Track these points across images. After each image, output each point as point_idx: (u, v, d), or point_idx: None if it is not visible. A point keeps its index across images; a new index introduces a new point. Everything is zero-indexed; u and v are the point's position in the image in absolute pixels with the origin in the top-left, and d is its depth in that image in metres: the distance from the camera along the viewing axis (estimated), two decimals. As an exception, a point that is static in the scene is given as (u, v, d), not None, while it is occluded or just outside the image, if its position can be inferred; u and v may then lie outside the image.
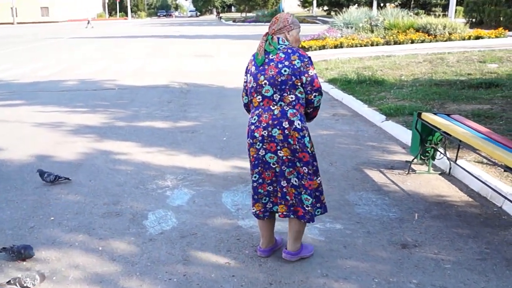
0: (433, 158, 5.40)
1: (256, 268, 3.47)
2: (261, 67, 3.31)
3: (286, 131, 3.25)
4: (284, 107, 3.27)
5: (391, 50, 16.17)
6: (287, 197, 3.39)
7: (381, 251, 3.68)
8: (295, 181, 3.36)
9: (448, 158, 5.26)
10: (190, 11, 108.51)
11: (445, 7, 37.60)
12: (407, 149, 6.13)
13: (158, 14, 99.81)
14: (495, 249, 3.71)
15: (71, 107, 9.19)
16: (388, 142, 6.56)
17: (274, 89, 3.25)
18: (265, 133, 3.30)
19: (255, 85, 3.33)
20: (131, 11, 79.85)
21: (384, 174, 5.32)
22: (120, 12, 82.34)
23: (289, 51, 3.26)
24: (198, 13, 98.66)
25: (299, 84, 3.25)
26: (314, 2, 58.26)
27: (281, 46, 3.29)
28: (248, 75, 3.43)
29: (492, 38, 18.93)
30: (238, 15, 70.15)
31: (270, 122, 3.27)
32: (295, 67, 3.22)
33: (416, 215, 4.29)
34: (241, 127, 7.33)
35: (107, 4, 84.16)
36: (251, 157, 3.46)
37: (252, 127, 3.37)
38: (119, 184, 5.12)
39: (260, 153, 3.37)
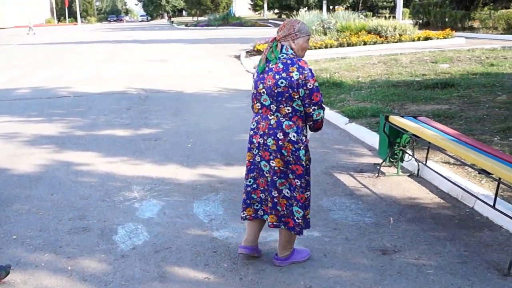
0: (402, 160, 5.42)
1: (237, 282, 3.33)
2: (261, 75, 3.24)
3: (280, 142, 3.21)
4: (280, 118, 3.21)
5: (345, 52, 16.36)
6: (278, 207, 3.34)
7: (362, 258, 3.62)
8: (287, 192, 3.31)
9: (416, 160, 5.28)
10: (141, 15, 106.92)
11: (393, 9, 38.56)
12: (373, 152, 6.14)
13: (109, 19, 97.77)
14: (473, 252, 3.72)
15: (25, 116, 8.76)
16: (354, 144, 6.56)
17: (271, 100, 3.19)
18: (261, 140, 3.28)
19: (255, 92, 3.29)
20: (81, 16, 77.83)
21: (354, 177, 5.29)
22: (69, 17, 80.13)
23: (288, 61, 3.16)
24: (149, 18, 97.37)
25: (296, 96, 3.15)
26: (265, 6, 58.57)
27: (282, 56, 3.20)
28: (252, 80, 3.39)
29: (441, 39, 19.46)
30: (189, 19, 69.63)
31: (266, 131, 3.24)
32: (293, 79, 3.12)
33: (392, 219, 4.27)
34: (204, 133, 7.18)
35: (55, 10, 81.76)
36: (247, 161, 3.42)
37: (251, 132, 3.37)
38: (84, 197, 4.87)
39: (256, 159, 3.36)
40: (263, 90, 3.22)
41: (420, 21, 28.44)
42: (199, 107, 9.10)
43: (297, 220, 3.33)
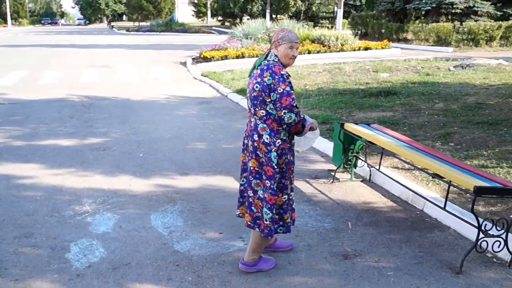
0: (355, 166, 5.54)
1: (203, 293, 3.29)
2: (249, 80, 3.42)
3: (255, 144, 3.37)
4: (257, 120, 3.37)
5: (291, 60, 16.54)
6: (253, 208, 3.45)
7: (325, 263, 3.67)
8: (261, 193, 3.41)
9: (369, 166, 5.42)
10: (78, 19, 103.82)
11: (332, 20, 39.54)
12: (326, 158, 6.25)
13: (43, 21, 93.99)
14: (427, 252, 3.86)
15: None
16: (307, 151, 6.63)
17: (251, 103, 3.39)
18: (245, 141, 3.51)
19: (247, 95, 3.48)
20: (11, 18, 74.50)
21: (310, 184, 5.36)
22: (-3, 19, 76.37)
23: (265, 67, 3.31)
24: (87, 22, 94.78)
25: (268, 100, 3.28)
26: (209, 13, 58.54)
27: (265, 62, 3.34)
28: None
29: (379, 49, 20.19)
30: (130, 24, 68.43)
31: (249, 132, 3.45)
32: (265, 83, 3.26)
33: (350, 224, 4.35)
34: (156, 142, 7.06)
35: (-19, 11, 77.84)
36: (241, 161, 3.60)
37: (244, 134, 3.56)
38: (29, 213, 4.59)
39: (246, 159, 3.53)
40: (248, 94, 3.42)
41: (359, 32, 29.39)
42: (147, 115, 8.95)
43: (265, 222, 3.38)
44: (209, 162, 6.12)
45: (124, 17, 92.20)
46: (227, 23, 51.54)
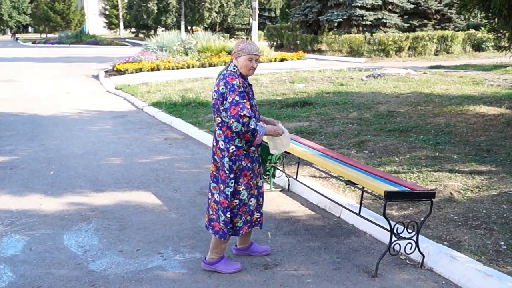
0: (274, 176, 5.60)
1: (120, 314, 3.17)
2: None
3: (214, 149, 3.62)
4: (215, 127, 3.57)
5: (208, 72, 16.60)
6: (210, 210, 3.68)
7: (246, 275, 3.66)
8: (217, 196, 3.56)
9: (287, 175, 5.50)
10: None
11: (248, 31, 40.10)
12: (245, 169, 6.26)
13: None
14: (344, 258, 3.97)
15: None
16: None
17: (212, 111, 3.58)
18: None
19: None
20: None
21: (229, 196, 5.34)
22: None
23: (221, 77, 3.46)
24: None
25: (221, 108, 3.46)
26: (121, 24, 57.33)
27: (225, 71, 3.49)
28: None
29: (295, 60, 20.72)
30: (37, 36, 65.44)
31: (213, 138, 3.64)
32: (220, 92, 3.44)
33: (270, 234, 4.38)
34: (68, 158, 6.77)
35: None
36: None
37: None
38: None
39: None
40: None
41: (275, 43, 30.07)
42: (58, 131, 8.57)
43: (220, 224, 3.54)
44: (125, 178, 5.95)
45: (30, 29, 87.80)
46: (141, 35, 50.70)
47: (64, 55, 28.17)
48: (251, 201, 3.68)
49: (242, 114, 3.33)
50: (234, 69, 3.51)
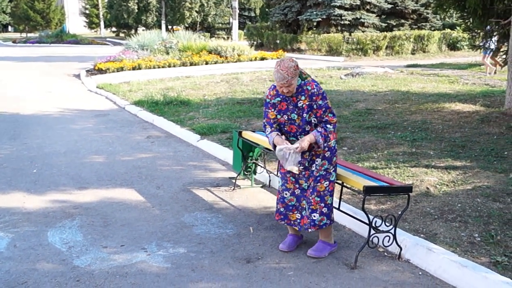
0: (255, 172, 5.70)
1: (106, 307, 3.23)
2: None
3: None
4: None
5: (189, 71, 16.62)
6: None
7: (228, 268, 3.75)
8: None
9: (268, 172, 5.60)
10: None
11: (229, 31, 40.12)
12: (227, 166, 6.36)
13: None
14: (324, 250, 4.06)
15: None
16: (207, 160, 6.72)
17: None
18: None
19: None
20: None
21: (212, 192, 5.43)
22: None
23: None
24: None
25: None
26: (102, 23, 56.80)
27: None
28: None
29: (274, 59, 20.80)
30: (17, 35, 64.39)
31: None
32: None
33: (251, 229, 4.47)
34: (51, 157, 6.78)
35: None
36: None
37: None
38: None
39: None
40: None
41: (255, 42, 30.16)
42: (40, 130, 8.55)
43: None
44: (108, 175, 5.99)
45: (10, 28, 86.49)
46: (121, 34, 50.27)
47: (45, 55, 27.81)
48: (285, 194, 3.97)
49: (263, 125, 3.98)
50: (275, 83, 3.89)
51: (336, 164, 3.97)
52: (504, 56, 9.04)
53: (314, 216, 3.85)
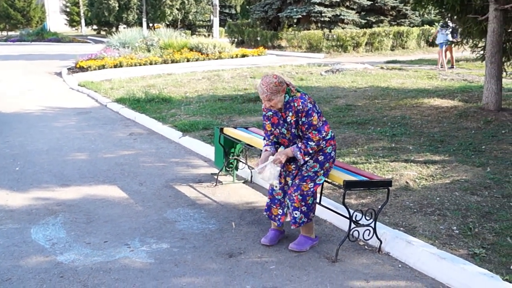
0: (237, 168, 5.75)
1: (90, 302, 3.26)
2: None
3: None
4: None
5: (170, 69, 16.58)
6: None
7: (211, 263, 3.80)
8: None
9: (249, 167, 5.66)
10: None
11: (210, 28, 40.04)
12: (209, 162, 6.40)
13: None
14: (306, 244, 4.13)
15: None
16: (190, 157, 6.75)
17: None
18: None
19: None
20: None
21: (194, 188, 5.47)
22: None
23: None
24: None
25: None
26: (82, 21, 56.22)
27: None
28: None
29: (256, 56, 20.91)
30: (-3, 33, 63.37)
31: None
32: None
33: (234, 224, 4.53)
34: (33, 155, 6.75)
35: None
36: None
37: None
38: None
39: None
40: None
41: (236, 39, 30.18)
42: (22, 127, 8.49)
43: None
44: (91, 172, 5.99)
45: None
46: (102, 32, 49.84)
47: (26, 53, 27.45)
48: (275, 186, 4.07)
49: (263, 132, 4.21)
50: None
51: (327, 171, 4.04)
52: (481, 52, 9.20)
53: (296, 214, 3.92)
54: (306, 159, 3.93)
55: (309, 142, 3.88)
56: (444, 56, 15.99)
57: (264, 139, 4.18)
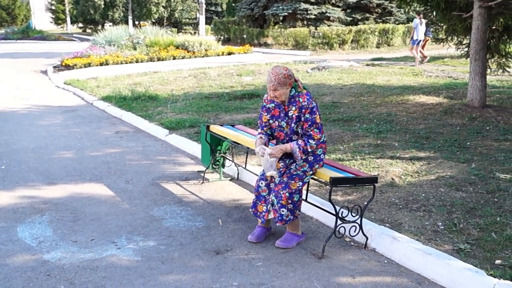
0: (223, 166, 5.76)
1: (77, 301, 3.26)
2: None
3: None
4: None
5: (156, 66, 16.52)
6: None
7: (198, 260, 3.81)
8: None
9: (236, 165, 5.67)
10: None
11: (196, 26, 39.94)
12: (196, 160, 6.40)
13: None
14: (292, 241, 4.16)
15: None
16: (176, 154, 6.75)
17: None
18: None
19: None
20: None
21: (181, 186, 5.48)
22: None
23: None
24: None
25: None
26: (68, 19, 55.71)
27: None
28: None
29: (242, 53, 20.91)
30: (-17, 32, 62.62)
31: None
32: None
33: (220, 221, 4.54)
34: (18, 153, 6.70)
35: None
36: None
37: None
38: None
39: None
40: None
41: (222, 37, 30.14)
42: (7, 126, 8.42)
43: None
44: (77, 171, 5.97)
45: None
46: (88, 30, 49.49)
47: (11, 51, 27.13)
48: (261, 183, 4.11)
49: (258, 121, 4.23)
50: None
51: (315, 172, 4.08)
52: (466, 49, 9.30)
53: (283, 211, 3.94)
54: (303, 157, 3.97)
55: (309, 140, 3.93)
56: (417, 51, 16.22)
57: (259, 127, 4.23)
